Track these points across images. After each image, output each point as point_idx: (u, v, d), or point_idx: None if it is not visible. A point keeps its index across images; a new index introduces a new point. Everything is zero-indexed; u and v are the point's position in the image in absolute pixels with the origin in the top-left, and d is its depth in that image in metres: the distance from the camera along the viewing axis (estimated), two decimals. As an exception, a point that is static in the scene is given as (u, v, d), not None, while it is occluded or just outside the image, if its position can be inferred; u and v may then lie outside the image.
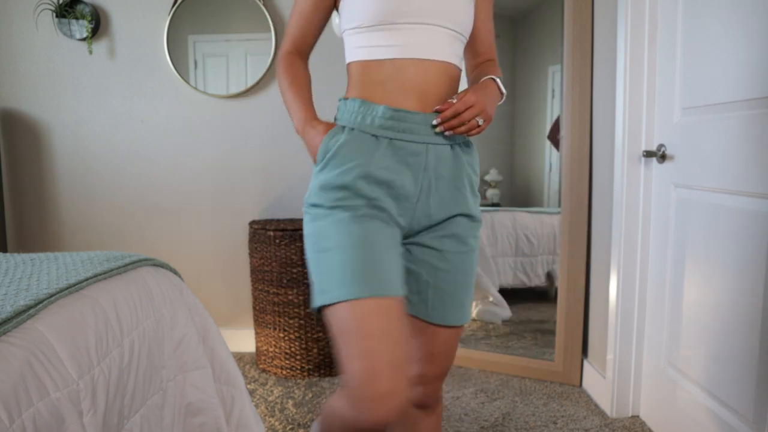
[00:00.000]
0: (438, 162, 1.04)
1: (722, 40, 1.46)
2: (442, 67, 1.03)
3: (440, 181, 1.05)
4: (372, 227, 0.98)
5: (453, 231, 1.07)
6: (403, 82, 1.02)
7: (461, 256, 1.08)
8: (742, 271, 1.40)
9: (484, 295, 2.76)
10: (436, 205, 1.05)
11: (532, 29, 2.73)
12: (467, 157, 1.10)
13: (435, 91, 1.03)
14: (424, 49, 1.01)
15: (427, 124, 1.02)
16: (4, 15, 2.45)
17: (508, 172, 2.86)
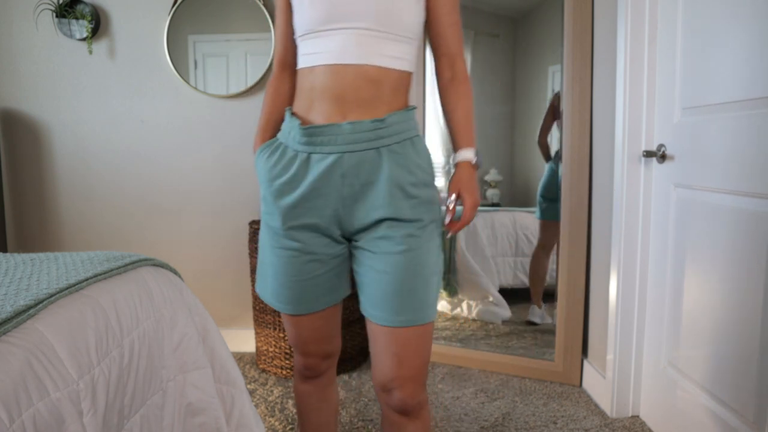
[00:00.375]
0: (358, 167, 1.05)
1: (722, 40, 1.46)
2: (359, 71, 1.04)
3: (365, 186, 1.06)
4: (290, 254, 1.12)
5: (383, 233, 1.07)
6: (323, 89, 1.06)
7: (397, 256, 1.06)
8: (742, 271, 1.40)
9: (484, 295, 2.76)
10: (363, 210, 1.07)
11: (532, 29, 2.73)
12: (399, 157, 1.07)
13: (353, 95, 1.05)
14: (339, 55, 1.04)
15: (343, 133, 1.05)
16: (4, 15, 2.45)
17: (508, 172, 2.86)
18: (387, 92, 1.07)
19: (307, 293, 1.15)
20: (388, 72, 1.06)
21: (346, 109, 1.05)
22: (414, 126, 1.12)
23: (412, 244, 1.07)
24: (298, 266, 1.12)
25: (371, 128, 1.05)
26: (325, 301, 1.18)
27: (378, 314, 1.08)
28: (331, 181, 1.06)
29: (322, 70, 1.06)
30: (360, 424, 1.87)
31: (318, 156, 1.06)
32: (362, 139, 1.05)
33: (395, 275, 1.06)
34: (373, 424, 1.88)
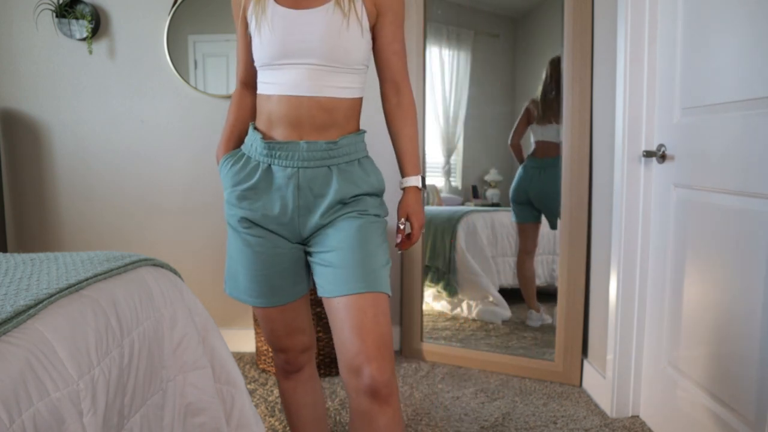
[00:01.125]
0: (311, 182, 1.19)
1: (722, 40, 1.46)
2: (313, 102, 1.16)
3: (317, 198, 1.19)
4: (256, 250, 1.22)
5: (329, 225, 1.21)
6: (280, 115, 1.18)
7: (341, 233, 1.18)
8: (742, 271, 1.40)
9: (484, 295, 2.76)
10: (312, 219, 1.20)
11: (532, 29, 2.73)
12: (347, 174, 1.21)
13: (309, 122, 1.18)
14: (294, 87, 1.16)
15: (300, 150, 1.17)
16: (4, 15, 2.45)
17: (508, 172, 2.86)
18: (340, 118, 1.20)
19: (275, 285, 1.25)
20: (340, 101, 1.19)
21: (303, 132, 1.18)
22: (363, 148, 1.25)
23: (353, 224, 1.18)
24: (265, 258, 1.23)
25: (325, 149, 1.18)
26: (293, 293, 1.28)
27: (331, 287, 1.16)
28: (288, 191, 1.19)
29: (278, 99, 1.18)
30: (360, 424, 1.87)
31: (278, 168, 1.19)
32: (316, 158, 1.18)
33: (342, 251, 1.16)
34: (373, 424, 1.88)
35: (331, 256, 1.18)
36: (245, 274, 1.25)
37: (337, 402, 2.04)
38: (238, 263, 1.26)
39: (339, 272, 1.16)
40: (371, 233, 1.20)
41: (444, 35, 2.69)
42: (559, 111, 2.23)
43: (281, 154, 1.19)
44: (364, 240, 1.18)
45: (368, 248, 1.18)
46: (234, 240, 1.27)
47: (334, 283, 1.16)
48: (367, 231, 1.19)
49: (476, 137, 2.85)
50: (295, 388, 1.41)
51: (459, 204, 2.91)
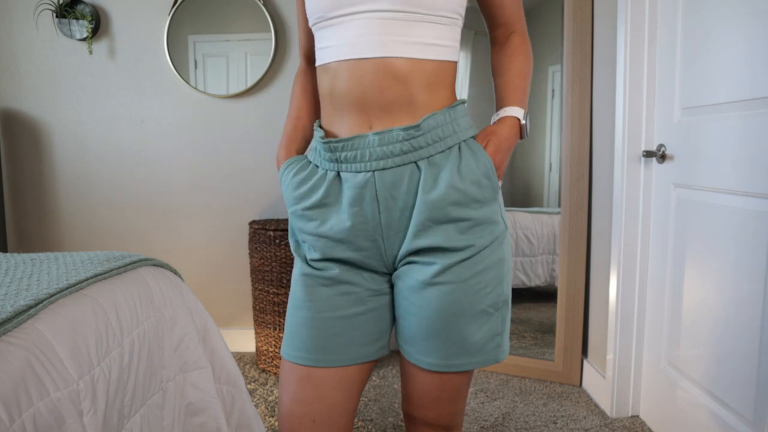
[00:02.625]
0: (393, 189, 0.85)
1: (722, 40, 1.46)
2: (381, 66, 0.82)
3: (405, 211, 0.86)
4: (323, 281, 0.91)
5: (421, 259, 0.89)
6: (341, 94, 0.86)
7: (431, 290, 0.87)
8: (742, 271, 1.40)
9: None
10: (405, 239, 0.88)
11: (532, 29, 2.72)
12: (442, 171, 0.85)
13: (376, 100, 0.83)
14: (352, 47, 0.82)
15: (371, 147, 0.84)
16: (4, 15, 2.45)
17: (508, 172, 2.86)
18: (420, 91, 0.85)
19: (334, 336, 0.90)
20: (421, 64, 0.84)
21: (371, 117, 0.85)
22: (464, 126, 0.89)
23: (453, 277, 0.86)
24: (327, 297, 0.90)
25: (403, 138, 0.83)
26: (358, 354, 0.92)
27: (406, 348, 0.93)
28: (365, 205, 0.86)
29: (337, 67, 0.85)
30: (360, 424, 1.88)
31: (348, 175, 0.87)
32: (393, 153, 0.84)
33: (426, 312, 0.88)
34: (373, 423, 1.88)
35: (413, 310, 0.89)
36: (296, 317, 0.92)
37: (337, 402, 2.04)
38: (296, 307, 0.93)
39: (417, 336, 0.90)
40: (477, 287, 0.87)
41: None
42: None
43: (347, 156, 0.86)
44: (463, 303, 0.87)
45: (467, 313, 0.88)
46: (297, 278, 0.95)
47: (409, 344, 0.91)
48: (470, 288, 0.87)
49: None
50: None
51: (459, 204, 2.90)
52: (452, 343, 0.88)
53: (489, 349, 0.90)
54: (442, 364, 0.89)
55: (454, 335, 0.88)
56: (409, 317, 0.90)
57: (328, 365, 0.90)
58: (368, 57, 0.82)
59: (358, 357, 0.92)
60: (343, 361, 0.91)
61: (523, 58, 0.97)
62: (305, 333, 0.90)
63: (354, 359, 0.92)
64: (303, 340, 0.91)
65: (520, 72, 0.97)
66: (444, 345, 0.88)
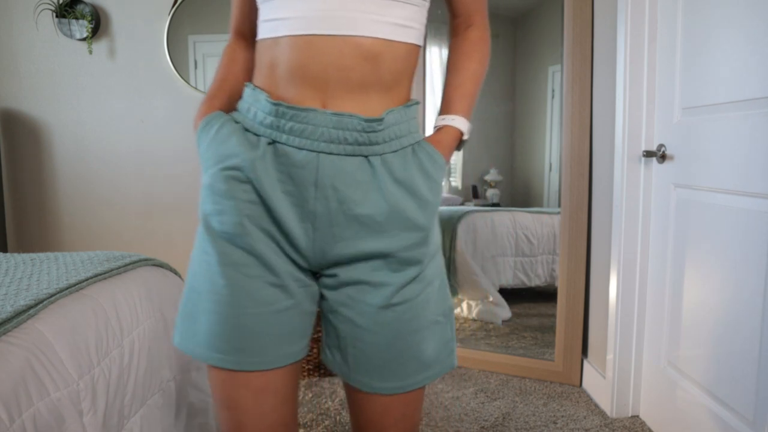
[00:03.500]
0: (337, 179, 0.76)
1: (722, 40, 1.46)
2: (350, 45, 0.74)
3: (345, 206, 0.76)
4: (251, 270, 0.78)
5: (368, 277, 0.79)
6: (293, 67, 0.76)
7: (386, 312, 0.79)
8: (742, 271, 1.40)
9: (484, 295, 2.76)
10: (342, 238, 0.78)
11: (532, 29, 2.73)
12: (397, 171, 0.78)
13: (339, 78, 0.75)
14: (318, 21, 0.74)
15: (323, 125, 0.74)
16: (4, 15, 2.45)
17: (508, 172, 2.86)
18: (388, 74, 0.78)
19: (260, 334, 0.78)
20: (393, 46, 0.77)
21: (327, 95, 0.76)
22: (416, 127, 0.83)
23: (409, 293, 0.80)
24: (255, 291, 0.77)
25: (362, 129, 0.75)
26: (286, 353, 0.81)
27: (355, 377, 0.83)
28: (301, 187, 0.76)
29: (290, 43, 0.75)
30: (360, 424, 1.88)
31: (288, 149, 0.76)
32: (347, 140, 0.75)
33: (383, 337, 0.80)
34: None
35: (362, 335, 0.81)
36: (214, 311, 0.78)
37: (337, 402, 2.04)
38: (204, 295, 0.79)
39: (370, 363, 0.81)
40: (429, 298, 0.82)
41: (444, 35, 2.69)
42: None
43: (293, 127, 0.75)
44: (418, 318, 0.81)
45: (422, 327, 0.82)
46: (206, 255, 0.79)
47: (360, 373, 0.82)
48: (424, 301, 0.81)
49: (476, 137, 2.85)
50: None
51: (459, 204, 2.91)
52: (410, 361, 0.82)
53: (443, 358, 0.86)
54: (402, 386, 0.82)
55: (411, 353, 0.82)
56: (362, 345, 0.80)
57: (258, 368, 0.79)
58: (335, 34, 0.74)
59: (288, 357, 0.82)
60: (271, 363, 0.80)
61: (478, 58, 0.91)
62: (229, 333, 0.78)
63: (284, 359, 0.81)
64: (226, 339, 0.78)
65: (474, 74, 0.91)
66: (402, 366, 0.81)
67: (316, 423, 1.86)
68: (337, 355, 0.84)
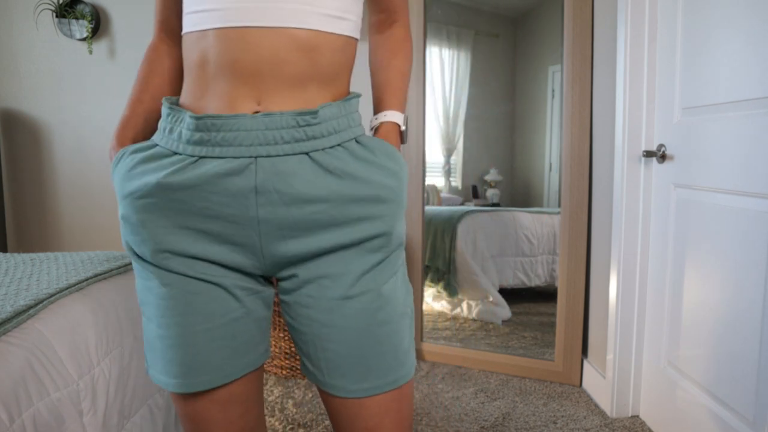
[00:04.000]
0: (279, 180, 0.72)
1: (722, 40, 1.46)
2: (288, 39, 0.71)
3: (293, 207, 0.73)
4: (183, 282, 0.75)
5: (325, 271, 0.76)
6: (222, 64, 0.71)
7: (350, 303, 0.75)
8: (742, 271, 1.40)
9: (484, 295, 2.76)
10: (293, 241, 0.74)
11: (532, 29, 2.73)
12: (339, 165, 0.74)
13: (274, 72, 0.72)
14: (247, 12, 0.70)
15: (255, 129, 0.71)
16: (4, 15, 2.45)
17: (508, 172, 2.86)
18: (325, 67, 0.75)
19: (215, 349, 0.76)
20: (327, 38, 0.74)
21: (260, 93, 0.72)
22: (358, 121, 0.80)
23: (371, 283, 0.76)
24: (202, 305, 0.75)
25: (296, 124, 0.72)
26: (243, 363, 0.79)
27: (331, 383, 0.78)
28: (238, 199, 0.72)
29: (219, 35, 0.71)
30: None
31: (214, 163, 0.71)
32: (283, 139, 0.71)
33: (350, 331, 0.76)
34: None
35: (328, 333, 0.76)
36: (164, 336, 0.76)
37: (337, 402, 2.04)
38: (153, 319, 0.78)
39: (343, 364, 0.77)
40: (393, 291, 0.79)
41: (444, 35, 2.69)
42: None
43: (223, 138, 0.71)
44: (384, 309, 0.77)
45: (391, 320, 0.78)
46: (144, 279, 0.78)
47: (334, 377, 0.78)
48: (387, 292, 0.78)
49: (476, 137, 2.85)
50: None
51: (459, 204, 2.91)
52: (384, 356, 0.77)
53: (412, 354, 0.82)
54: (379, 385, 0.77)
55: (384, 347, 0.77)
56: (331, 345, 0.76)
57: (213, 385, 0.77)
58: (267, 26, 0.70)
59: (244, 366, 0.79)
60: (227, 376, 0.78)
61: (404, 56, 0.89)
62: (174, 354, 0.76)
63: (240, 370, 0.79)
64: (174, 361, 0.75)
65: (401, 71, 0.88)
66: (376, 361, 0.77)
67: (316, 423, 1.86)
68: (308, 363, 0.80)
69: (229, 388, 0.78)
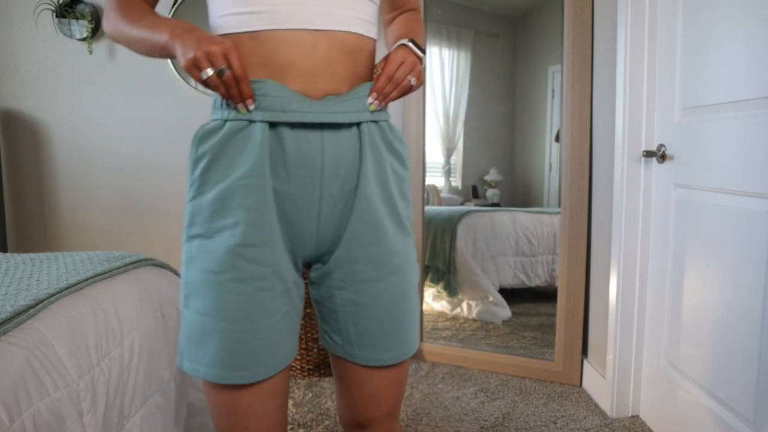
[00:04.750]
0: (338, 158, 0.78)
1: (722, 40, 1.46)
2: (334, 39, 0.77)
3: (345, 187, 0.80)
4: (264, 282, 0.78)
5: (358, 253, 0.82)
6: (279, 65, 0.76)
7: (380, 284, 0.83)
8: (742, 271, 1.40)
9: (484, 295, 2.76)
10: (340, 220, 0.81)
11: (532, 29, 2.73)
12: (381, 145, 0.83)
13: (326, 74, 0.77)
14: (311, 17, 0.75)
15: (320, 110, 0.76)
16: (4, 15, 2.45)
17: (508, 172, 2.86)
18: (363, 68, 0.82)
19: (271, 343, 0.80)
20: (364, 41, 0.81)
21: (314, 91, 0.77)
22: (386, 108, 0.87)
23: (399, 261, 0.84)
24: (267, 301, 0.78)
25: (349, 97, 0.79)
26: (286, 355, 0.83)
27: (359, 354, 0.86)
28: (308, 169, 0.77)
29: (276, 36, 0.75)
30: (360, 424, 1.88)
31: (291, 133, 0.76)
32: (342, 109, 0.78)
33: (380, 307, 0.84)
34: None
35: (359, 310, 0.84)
36: (224, 330, 0.77)
37: (337, 402, 2.04)
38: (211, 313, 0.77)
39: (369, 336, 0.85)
40: (413, 270, 0.89)
41: (444, 35, 2.69)
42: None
43: (296, 105, 0.76)
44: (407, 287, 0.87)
45: (410, 297, 0.88)
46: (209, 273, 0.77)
47: (359, 347, 0.86)
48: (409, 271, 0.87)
49: (476, 137, 2.85)
50: None
51: (459, 204, 2.91)
52: (406, 327, 0.87)
53: (418, 322, 0.92)
54: (403, 353, 0.87)
55: (406, 319, 0.87)
56: (364, 321, 0.84)
57: (263, 377, 0.80)
58: (321, 29, 0.75)
59: (284, 360, 0.83)
60: (272, 369, 0.81)
61: (417, 24, 0.96)
62: (242, 350, 0.77)
63: (281, 363, 0.82)
64: (240, 355, 0.78)
65: (417, 29, 0.95)
66: (401, 333, 0.86)
67: (316, 423, 1.86)
68: (337, 337, 0.88)
69: (273, 380, 0.82)
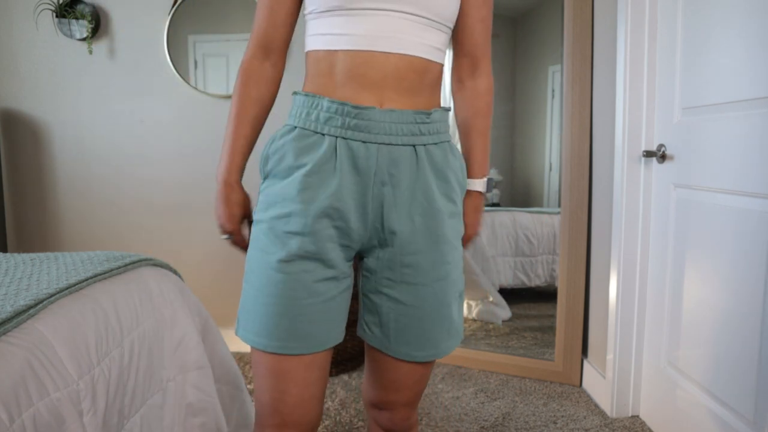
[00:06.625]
0: (392, 166, 0.88)
1: (722, 40, 1.46)
2: (407, 63, 0.88)
3: (396, 191, 0.89)
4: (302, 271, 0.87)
5: (410, 260, 0.91)
6: (355, 77, 0.87)
7: (426, 289, 0.91)
8: (742, 271, 1.40)
9: (484, 295, 2.76)
10: (392, 218, 0.89)
11: (532, 29, 2.73)
12: (437, 162, 0.92)
13: (394, 85, 0.88)
14: (385, 42, 0.86)
15: (381, 120, 0.87)
16: (4, 15, 2.45)
17: (508, 172, 2.86)
18: (429, 85, 0.92)
19: (313, 322, 0.89)
20: (431, 65, 0.91)
21: (383, 97, 0.88)
22: (448, 127, 0.98)
23: (445, 271, 0.92)
24: (310, 284, 0.88)
25: (413, 120, 0.89)
26: (331, 337, 0.92)
27: (396, 348, 0.94)
28: (364, 176, 0.87)
29: (351, 56, 0.87)
30: (360, 424, 1.87)
31: (351, 144, 0.87)
32: (401, 132, 0.88)
33: (424, 309, 0.92)
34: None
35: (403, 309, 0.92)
36: (269, 304, 0.88)
37: (337, 402, 2.04)
38: (260, 288, 0.89)
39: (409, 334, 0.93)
40: (459, 275, 0.96)
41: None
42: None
43: (356, 124, 0.86)
44: (451, 292, 0.94)
45: (452, 300, 0.95)
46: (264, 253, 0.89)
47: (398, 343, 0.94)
48: (455, 277, 0.95)
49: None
50: None
51: (459, 204, 2.90)
52: (443, 332, 0.94)
53: (461, 330, 0.98)
54: (435, 353, 0.94)
55: (444, 324, 0.94)
56: (404, 320, 0.92)
57: (306, 351, 0.89)
58: (392, 52, 0.86)
59: (331, 340, 0.92)
60: (317, 346, 0.90)
61: (485, 112, 1.06)
62: (284, 323, 0.87)
63: (327, 343, 0.91)
64: (281, 328, 0.87)
65: (483, 132, 1.06)
66: (437, 335, 0.93)
67: (316, 423, 1.86)
68: (377, 330, 0.95)
69: (314, 355, 0.90)
